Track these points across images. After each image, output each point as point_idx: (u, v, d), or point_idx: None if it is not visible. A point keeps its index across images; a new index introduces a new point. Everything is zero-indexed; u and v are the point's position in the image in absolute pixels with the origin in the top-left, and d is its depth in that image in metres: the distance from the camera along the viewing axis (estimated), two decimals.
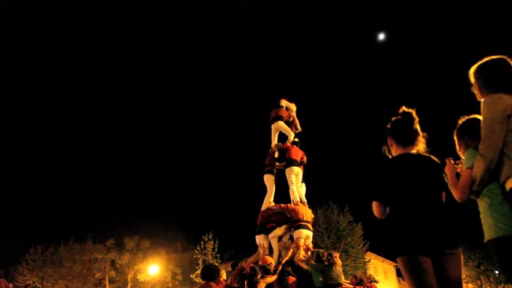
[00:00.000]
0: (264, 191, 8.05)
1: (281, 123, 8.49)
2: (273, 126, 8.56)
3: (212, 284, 4.94)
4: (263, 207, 7.74)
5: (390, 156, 2.66)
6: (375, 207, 2.50)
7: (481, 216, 2.27)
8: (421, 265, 2.19)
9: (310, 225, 7.14)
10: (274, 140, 8.53)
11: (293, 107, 8.96)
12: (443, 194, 2.43)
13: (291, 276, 5.87)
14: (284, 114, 8.65)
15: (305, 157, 8.13)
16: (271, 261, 6.25)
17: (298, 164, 7.86)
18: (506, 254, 2.08)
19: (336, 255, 5.92)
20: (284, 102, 8.89)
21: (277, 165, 8.19)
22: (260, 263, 6.18)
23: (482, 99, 2.34)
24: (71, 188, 56.00)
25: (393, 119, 2.68)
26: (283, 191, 7.92)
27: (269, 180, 8.04)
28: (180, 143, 67.20)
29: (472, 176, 2.27)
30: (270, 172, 8.13)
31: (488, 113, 2.24)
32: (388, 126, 2.68)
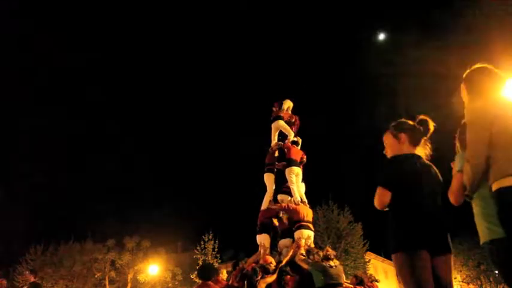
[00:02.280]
0: (264, 190, 8.05)
1: (281, 122, 8.49)
2: (273, 126, 8.56)
3: (210, 283, 4.94)
4: (263, 207, 7.74)
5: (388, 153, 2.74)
6: (381, 194, 2.49)
7: (475, 219, 2.30)
8: (424, 261, 2.23)
9: (311, 225, 7.15)
10: (274, 139, 8.53)
11: (289, 103, 8.98)
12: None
13: (289, 276, 5.89)
14: (285, 115, 8.67)
15: (305, 157, 8.13)
16: (272, 260, 6.26)
17: (298, 164, 7.86)
18: (501, 256, 2.11)
19: (327, 248, 5.96)
20: (287, 104, 8.87)
21: (277, 165, 8.19)
22: (261, 262, 6.19)
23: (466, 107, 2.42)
24: (70, 188, 56.00)
25: (419, 118, 2.76)
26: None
27: (269, 179, 8.03)
28: (180, 143, 67.24)
29: (461, 179, 2.32)
30: (271, 171, 8.11)
31: (471, 119, 2.29)
32: (406, 121, 2.76)
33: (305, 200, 7.64)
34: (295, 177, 7.71)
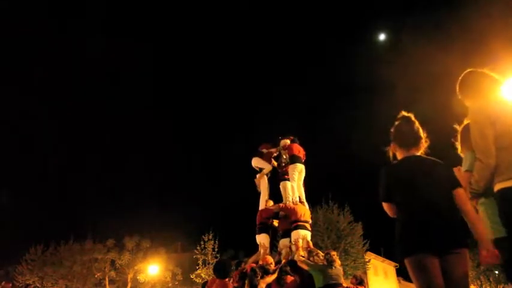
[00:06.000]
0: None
1: (255, 161, 8.19)
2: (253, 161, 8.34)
3: (226, 281, 4.80)
4: (261, 207, 7.77)
5: (395, 160, 2.70)
6: (386, 208, 2.56)
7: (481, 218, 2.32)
8: (428, 265, 2.21)
9: (308, 225, 7.14)
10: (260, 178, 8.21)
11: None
12: (457, 191, 2.38)
13: (288, 276, 5.90)
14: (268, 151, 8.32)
15: (305, 155, 8.12)
16: (272, 261, 6.26)
17: (302, 161, 7.84)
18: (504, 254, 2.13)
19: (334, 253, 5.93)
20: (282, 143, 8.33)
21: (272, 163, 8.21)
22: (260, 262, 6.20)
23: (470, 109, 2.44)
24: (70, 187, 56.03)
25: (395, 124, 2.72)
26: (279, 191, 7.93)
27: (263, 180, 8.09)
28: (180, 143, 67.25)
29: (469, 179, 2.32)
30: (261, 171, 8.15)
31: (474, 119, 2.30)
32: (391, 131, 2.73)
33: (304, 200, 7.64)
34: (298, 174, 7.68)
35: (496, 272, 27.17)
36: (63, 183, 55.98)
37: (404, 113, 2.70)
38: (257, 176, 8.13)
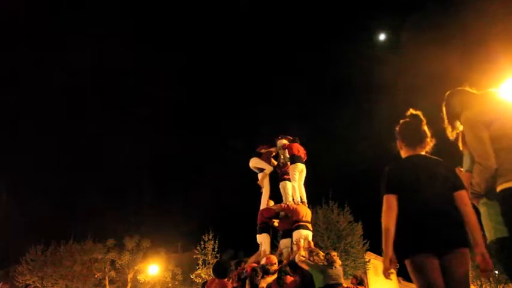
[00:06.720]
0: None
1: (253, 161, 8.24)
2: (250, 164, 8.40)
3: (225, 281, 4.83)
4: (262, 207, 7.78)
5: (399, 157, 2.69)
6: (388, 202, 2.45)
7: (482, 218, 2.34)
8: (428, 265, 2.21)
9: (309, 225, 7.17)
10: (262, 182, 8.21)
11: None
12: (460, 193, 2.37)
13: (288, 276, 5.92)
14: (266, 151, 8.35)
15: (305, 154, 8.12)
16: (276, 261, 6.25)
17: (302, 161, 7.83)
18: (505, 254, 2.13)
19: (334, 254, 5.94)
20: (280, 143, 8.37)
21: (272, 163, 8.21)
22: (262, 262, 6.21)
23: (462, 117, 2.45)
24: (70, 187, 56.04)
25: (401, 121, 2.71)
26: (278, 191, 7.93)
27: (265, 179, 8.09)
28: (179, 143, 67.28)
29: (470, 179, 2.33)
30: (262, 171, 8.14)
31: (470, 125, 2.31)
32: (397, 128, 2.72)
33: (305, 200, 7.65)
34: (299, 174, 7.67)
35: (496, 272, 27.19)
36: (63, 183, 55.99)
37: (412, 111, 2.68)
38: (259, 177, 8.14)
